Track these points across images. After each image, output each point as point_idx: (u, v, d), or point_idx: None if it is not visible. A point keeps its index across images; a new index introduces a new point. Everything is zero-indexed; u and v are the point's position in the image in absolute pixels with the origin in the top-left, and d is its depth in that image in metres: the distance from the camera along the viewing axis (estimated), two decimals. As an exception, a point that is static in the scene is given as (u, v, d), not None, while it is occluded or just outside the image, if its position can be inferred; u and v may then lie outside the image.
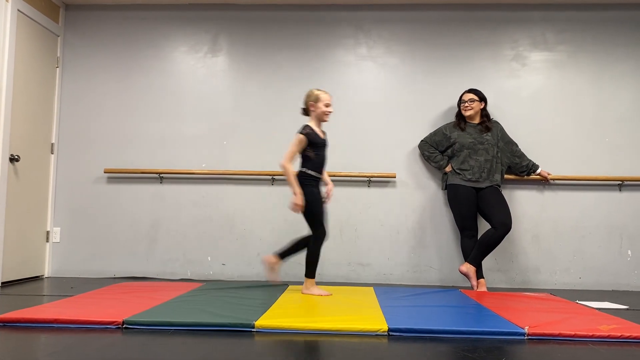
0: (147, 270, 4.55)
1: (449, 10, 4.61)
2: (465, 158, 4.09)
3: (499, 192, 4.09)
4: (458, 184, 4.09)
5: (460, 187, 4.08)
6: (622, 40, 4.51)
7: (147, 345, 2.30)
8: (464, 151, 4.10)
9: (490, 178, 4.07)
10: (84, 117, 4.66)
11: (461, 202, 4.07)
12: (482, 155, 4.08)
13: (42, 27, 4.40)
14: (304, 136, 3.51)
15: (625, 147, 4.45)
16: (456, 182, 4.10)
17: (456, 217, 4.15)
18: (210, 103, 4.64)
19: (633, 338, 2.51)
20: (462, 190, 4.07)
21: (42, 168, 4.48)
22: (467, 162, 4.08)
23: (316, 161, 3.57)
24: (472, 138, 4.10)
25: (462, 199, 4.07)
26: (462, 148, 4.11)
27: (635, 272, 4.39)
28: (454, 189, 4.10)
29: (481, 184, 4.07)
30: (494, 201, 4.01)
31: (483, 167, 4.06)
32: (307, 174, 3.56)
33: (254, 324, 2.57)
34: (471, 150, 4.09)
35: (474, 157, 4.08)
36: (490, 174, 4.08)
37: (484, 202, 4.05)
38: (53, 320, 2.62)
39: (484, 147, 4.09)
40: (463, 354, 2.23)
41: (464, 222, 4.08)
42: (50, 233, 4.59)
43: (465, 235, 4.10)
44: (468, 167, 4.07)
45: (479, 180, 4.06)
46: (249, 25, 4.67)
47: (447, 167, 4.20)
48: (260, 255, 4.51)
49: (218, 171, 4.53)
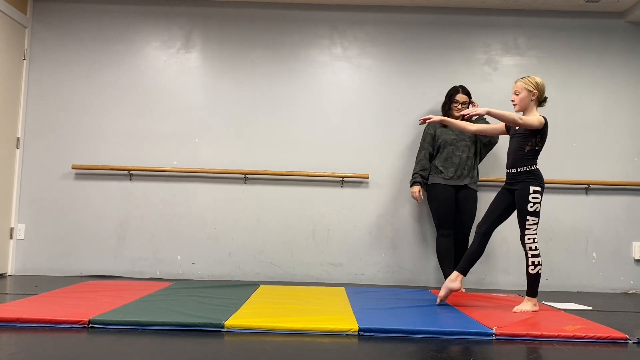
0: (115, 268, 4.46)
1: (423, 13, 4.64)
2: (449, 154, 4.10)
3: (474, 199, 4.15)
4: (438, 183, 4.11)
5: (439, 186, 4.10)
6: (591, 46, 4.61)
7: (113, 346, 2.25)
8: (447, 147, 4.11)
9: (470, 174, 4.11)
10: (52, 112, 4.55)
11: (440, 201, 4.10)
12: (464, 152, 4.10)
13: (9, 17, 4.28)
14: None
15: (592, 152, 4.56)
16: (437, 181, 4.12)
17: (434, 215, 4.19)
18: (183, 100, 4.58)
19: (597, 338, 2.57)
20: (441, 190, 4.09)
21: (6, 163, 4.36)
22: (450, 158, 4.09)
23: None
24: (454, 134, 4.12)
25: (441, 199, 4.10)
26: (445, 144, 4.12)
27: (600, 274, 4.49)
28: (434, 188, 4.13)
29: (462, 181, 4.09)
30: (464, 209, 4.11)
31: (464, 163, 4.09)
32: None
33: (224, 324, 2.55)
34: (453, 146, 4.10)
35: (457, 153, 4.09)
36: (471, 171, 4.12)
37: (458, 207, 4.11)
38: (15, 320, 2.55)
39: (465, 143, 4.11)
40: (432, 354, 2.25)
41: (441, 221, 4.12)
42: (15, 230, 4.46)
43: (440, 234, 4.14)
44: (450, 164, 4.09)
45: (460, 177, 4.08)
46: (223, 21, 4.63)
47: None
48: (232, 255, 4.47)
49: (189, 169, 4.48)
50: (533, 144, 3.17)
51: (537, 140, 3.18)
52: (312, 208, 4.51)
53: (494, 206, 3.34)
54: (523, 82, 3.22)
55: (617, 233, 4.51)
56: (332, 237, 4.52)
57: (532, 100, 3.21)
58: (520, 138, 3.21)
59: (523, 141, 3.19)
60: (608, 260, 4.50)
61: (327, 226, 4.52)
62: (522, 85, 3.22)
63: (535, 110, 3.22)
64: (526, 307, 3.17)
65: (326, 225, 4.52)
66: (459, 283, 3.26)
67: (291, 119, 4.56)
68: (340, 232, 4.52)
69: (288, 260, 4.49)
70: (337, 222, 4.52)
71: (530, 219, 3.15)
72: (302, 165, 4.53)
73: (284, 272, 4.47)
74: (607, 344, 2.53)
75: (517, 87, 3.23)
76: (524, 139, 3.19)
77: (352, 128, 4.57)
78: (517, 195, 3.19)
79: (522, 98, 3.21)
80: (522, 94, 3.21)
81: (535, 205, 3.15)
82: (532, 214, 3.15)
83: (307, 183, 4.53)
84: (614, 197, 4.54)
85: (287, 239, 4.50)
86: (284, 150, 4.53)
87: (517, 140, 3.23)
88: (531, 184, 3.16)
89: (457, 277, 3.27)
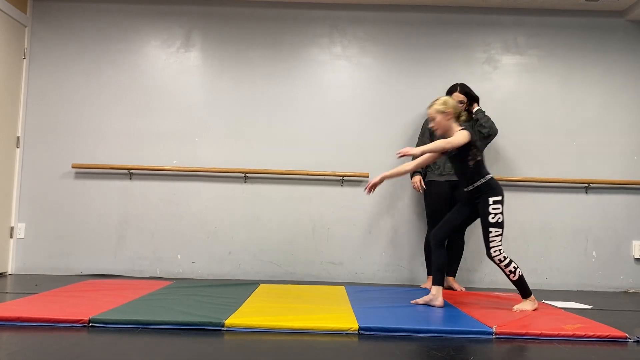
0: (115, 267, 4.46)
1: (423, 12, 4.64)
2: None
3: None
4: (434, 180, 4.11)
5: (435, 183, 4.09)
6: (591, 45, 4.61)
7: (114, 344, 2.25)
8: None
9: None
10: (52, 111, 4.55)
11: (434, 200, 4.10)
12: None
13: (8, 16, 4.27)
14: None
15: (592, 151, 4.56)
16: (433, 178, 4.11)
17: (427, 212, 4.19)
18: (183, 99, 4.58)
19: (596, 337, 2.57)
20: (436, 187, 4.09)
21: (6, 162, 4.36)
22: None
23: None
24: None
25: (435, 197, 4.10)
26: (440, 139, 4.10)
27: (600, 272, 4.50)
28: (429, 185, 4.13)
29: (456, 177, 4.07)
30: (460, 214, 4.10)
31: None
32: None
33: (224, 323, 2.55)
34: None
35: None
36: None
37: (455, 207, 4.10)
38: (15, 319, 2.55)
39: None
40: (432, 353, 2.25)
41: (434, 218, 4.11)
42: (15, 229, 4.46)
43: (430, 232, 4.15)
44: (447, 160, 4.06)
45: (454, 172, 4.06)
46: (223, 21, 4.63)
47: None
48: (231, 254, 4.48)
49: (189, 168, 4.48)
50: (473, 157, 3.21)
51: (473, 152, 3.21)
52: (312, 207, 4.51)
53: (452, 217, 3.37)
54: (434, 107, 3.26)
55: (617, 232, 4.51)
56: (332, 236, 4.52)
57: (450, 119, 3.24)
58: (458, 158, 3.24)
59: (463, 159, 3.22)
60: (608, 259, 4.50)
61: (327, 225, 4.52)
62: (434, 111, 3.25)
63: (457, 127, 3.25)
64: (526, 306, 3.18)
65: (326, 224, 4.52)
66: (441, 299, 3.23)
67: (291, 118, 4.56)
68: (340, 231, 4.52)
69: (288, 259, 4.49)
70: (337, 221, 4.52)
71: (493, 230, 3.16)
72: (302, 164, 4.52)
73: (283, 271, 4.48)
74: (607, 342, 2.53)
75: (431, 114, 3.27)
76: (462, 156, 3.21)
77: (352, 127, 4.57)
78: (480, 211, 3.22)
79: (439, 122, 3.24)
80: (438, 118, 3.24)
81: (496, 216, 3.16)
82: (494, 225, 3.16)
83: (307, 182, 4.53)
84: (614, 196, 4.53)
85: (287, 238, 4.50)
86: (284, 149, 4.53)
87: (458, 160, 3.26)
88: (489, 195, 3.19)
89: (438, 290, 3.24)
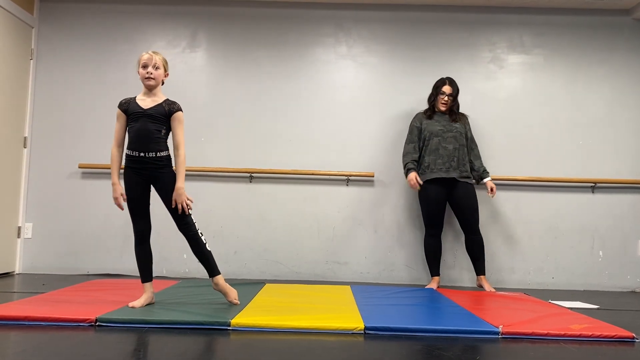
0: (122, 267, 4.48)
1: (428, 11, 4.63)
2: (436, 146, 4.07)
3: (472, 194, 4.10)
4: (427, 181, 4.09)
5: (429, 185, 4.09)
6: (597, 44, 4.59)
7: (120, 344, 2.26)
8: (434, 139, 4.09)
9: (460, 168, 4.07)
10: (59, 111, 4.57)
11: (429, 201, 4.09)
12: (451, 144, 4.07)
13: (16, 17, 4.30)
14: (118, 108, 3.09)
15: (597, 150, 4.54)
16: (426, 178, 4.10)
17: (423, 214, 4.18)
18: (188, 99, 4.57)
19: (603, 337, 2.56)
20: (431, 189, 4.07)
21: (14, 162, 4.38)
22: (437, 150, 4.07)
23: (131, 136, 3.17)
24: (440, 125, 4.11)
25: (430, 198, 4.08)
26: (432, 136, 4.09)
27: (606, 272, 4.48)
28: (424, 187, 4.11)
29: (450, 174, 4.05)
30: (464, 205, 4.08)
31: (452, 155, 4.06)
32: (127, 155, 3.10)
33: (230, 322, 2.56)
34: (440, 137, 4.08)
35: (443, 144, 4.07)
36: (460, 164, 4.08)
37: (455, 204, 4.09)
38: (23, 318, 2.57)
39: (452, 134, 4.08)
40: (438, 353, 2.25)
41: (430, 220, 4.12)
42: (22, 229, 4.49)
43: (428, 233, 4.14)
44: (438, 156, 4.06)
45: (448, 169, 4.05)
46: (228, 21, 4.64)
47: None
48: (237, 253, 4.49)
49: (195, 168, 4.49)
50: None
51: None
52: (318, 206, 4.52)
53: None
54: (160, 56, 3.01)
55: (624, 231, 4.49)
56: (337, 236, 4.52)
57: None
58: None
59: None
60: (614, 259, 4.48)
61: (333, 225, 4.52)
62: (161, 60, 3.00)
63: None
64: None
65: (331, 224, 4.52)
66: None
67: (296, 118, 4.57)
68: (345, 231, 4.52)
69: (293, 259, 4.50)
70: (342, 221, 4.52)
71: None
72: (307, 164, 4.53)
73: (289, 271, 4.48)
74: (614, 342, 2.52)
75: (157, 62, 3.00)
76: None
77: (357, 127, 4.57)
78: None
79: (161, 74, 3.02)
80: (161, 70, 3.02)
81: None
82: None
83: (312, 182, 4.54)
84: (620, 195, 4.51)
85: (293, 238, 4.50)
86: (289, 149, 4.53)
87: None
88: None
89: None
